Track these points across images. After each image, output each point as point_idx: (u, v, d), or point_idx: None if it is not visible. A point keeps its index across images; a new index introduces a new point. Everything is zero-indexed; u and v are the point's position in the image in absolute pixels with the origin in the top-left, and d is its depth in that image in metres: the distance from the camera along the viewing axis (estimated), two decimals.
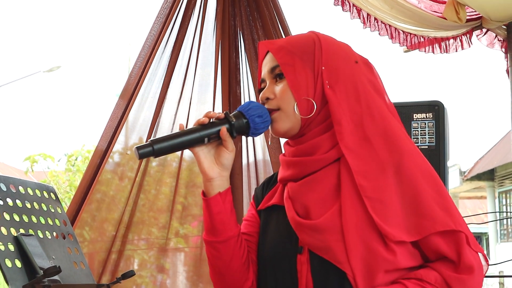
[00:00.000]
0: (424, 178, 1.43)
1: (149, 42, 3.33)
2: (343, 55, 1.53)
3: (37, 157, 8.53)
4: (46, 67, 16.43)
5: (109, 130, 3.28)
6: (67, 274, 1.76)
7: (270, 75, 1.55)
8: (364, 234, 1.39)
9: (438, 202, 1.41)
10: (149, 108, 3.34)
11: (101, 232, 3.34)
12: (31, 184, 1.92)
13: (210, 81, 3.40)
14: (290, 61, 1.51)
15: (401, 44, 3.77)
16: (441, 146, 2.79)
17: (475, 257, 1.42)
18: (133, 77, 3.32)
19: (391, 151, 1.43)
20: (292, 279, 1.47)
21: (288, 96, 1.50)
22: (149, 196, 3.41)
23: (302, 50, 1.51)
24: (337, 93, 1.47)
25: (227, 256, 1.53)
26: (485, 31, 3.80)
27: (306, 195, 1.47)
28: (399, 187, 1.41)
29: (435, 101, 2.81)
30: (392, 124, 1.47)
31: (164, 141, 1.48)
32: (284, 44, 1.54)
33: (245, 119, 1.51)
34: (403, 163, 1.42)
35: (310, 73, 1.49)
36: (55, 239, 1.84)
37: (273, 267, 1.52)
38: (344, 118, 1.45)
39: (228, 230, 1.52)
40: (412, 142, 1.50)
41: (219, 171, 1.52)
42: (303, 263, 1.46)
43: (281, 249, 1.51)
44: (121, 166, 3.40)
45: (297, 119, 1.50)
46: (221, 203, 1.51)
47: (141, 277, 3.46)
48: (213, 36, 3.41)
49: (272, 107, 1.52)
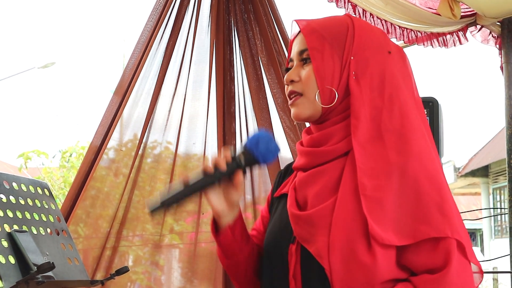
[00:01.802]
0: (429, 182, 1.38)
1: (143, 38, 3.33)
2: (376, 44, 1.49)
3: (31, 153, 8.51)
4: (40, 63, 16.41)
5: (103, 127, 3.28)
6: (61, 270, 1.76)
7: (298, 57, 1.52)
8: (351, 233, 1.35)
9: (439, 207, 1.36)
10: (143, 105, 3.33)
11: (95, 229, 3.33)
12: (24, 180, 1.92)
13: (204, 77, 3.39)
14: (319, 46, 1.47)
15: (398, 39, 3.77)
16: (435, 143, 2.79)
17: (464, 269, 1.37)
18: (127, 74, 3.31)
19: (401, 151, 1.39)
20: (283, 268, 1.46)
21: (312, 82, 1.48)
22: (144, 192, 3.41)
23: (334, 36, 1.48)
24: (361, 85, 1.45)
25: (241, 272, 1.58)
26: (479, 27, 3.80)
27: (309, 186, 1.46)
28: (401, 190, 1.37)
29: (429, 98, 2.81)
30: (410, 122, 1.43)
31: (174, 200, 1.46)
32: (317, 27, 1.49)
33: (254, 158, 1.47)
34: (409, 165, 1.38)
35: (338, 61, 1.47)
36: (49, 235, 1.84)
37: (269, 255, 1.53)
38: (363, 113, 1.42)
39: (239, 254, 1.55)
40: (427, 143, 1.44)
41: (228, 209, 1.51)
42: (292, 254, 1.45)
43: (277, 237, 1.52)
44: (116, 162, 3.39)
45: (318, 107, 1.48)
46: (230, 235, 1.52)
47: (136, 273, 3.46)
48: (207, 32, 3.41)
49: (296, 90, 1.50)
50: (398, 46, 1.54)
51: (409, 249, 1.36)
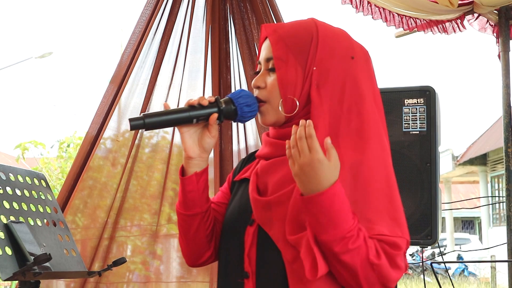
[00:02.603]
0: (380, 183, 1.48)
1: (139, 28, 3.31)
2: (339, 52, 1.56)
3: (28, 144, 8.50)
4: (38, 53, 16.36)
5: (99, 116, 3.27)
6: (58, 261, 1.77)
7: (265, 64, 1.61)
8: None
9: (389, 211, 1.46)
10: (140, 95, 3.33)
11: (93, 219, 3.34)
12: (21, 171, 1.92)
13: (200, 67, 3.38)
14: (284, 56, 1.56)
15: (397, 27, 3.75)
16: (432, 131, 2.79)
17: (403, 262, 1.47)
18: (124, 63, 3.30)
19: (356, 151, 1.48)
20: (239, 247, 1.57)
21: (276, 91, 1.57)
22: (142, 182, 3.41)
23: (298, 46, 1.55)
24: (322, 95, 1.53)
25: (193, 228, 1.64)
26: (476, 16, 3.79)
27: (270, 174, 1.57)
28: (353, 188, 1.45)
29: (426, 86, 2.81)
30: (369, 125, 1.52)
31: (155, 116, 1.56)
32: (283, 36, 1.57)
33: (234, 106, 1.57)
34: (363, 165, 1.47)
35: (300, 72, 1.55)
36: (45, 226, 1.84)
37: (227, 234, 1.65)
38: (322, 122, 1.50)
39: (197, 207, 1.62)
40: (383, 145, 1.53)
41: (199, 152, 1.61)
42: (249, 235, 1.56)
43: (236, 218, 1.63)
44: (113, 152, 3.39)
45: (281, 114, 1.57)
46: (195, 182, 1.61)
47: (134, 263, 3.46)
48: (203, 21, 3.39)
49: (261, 97, 1.59)
50: (362, 47, 1.61)
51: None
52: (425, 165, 2.80)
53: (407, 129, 2.81)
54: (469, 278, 15.68)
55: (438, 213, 2.81)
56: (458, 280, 14.93)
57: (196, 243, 1.67)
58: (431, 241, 2.80)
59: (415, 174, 2.81)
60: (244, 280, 1.55)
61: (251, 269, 1.55)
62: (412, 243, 2.86)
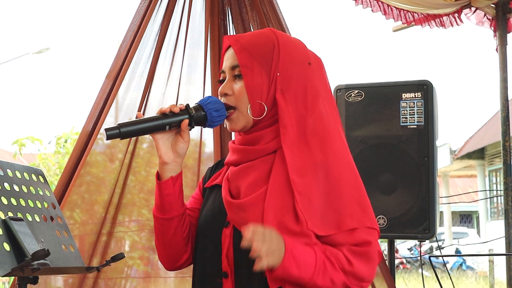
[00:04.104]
0: (348, 179, 1.61)
1: (136, 21, 3.30)
2: (298, 59, 1.68)
3: (25, 140, 8.50)
4: (35, 48, 16.33)
5: (95, 111, 3.26)
6: (56, 257, 1.77)
7: (230, 72, 1.69)
8: (282, 217, 1.56)
9: (359, 202, 1.60)
10: (137, 89, 3.31)
11: (91, 214, 3.34)
12: (19, 167, 1.91)
13: (199, 61, 3.37)
14: (249, 64, 1.66)
15: (396, 20, 3.77)
16: (430, 125, 2.80)
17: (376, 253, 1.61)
18: (120, 57, 3.29)
19: (323, 152, 1.61)
20: (216, 249, 1.66)
21: (244, 97, 1.66)
22: (140, 177, 3.41)
23: (262, 55, 1.66)
24: (286, 98, 1.64)
25: (170, 231, 1.72)
26: (474, 9, 3.79)
27: (241, 178, 1.65)
28: (325, 186, 1.58)
29: (423, 81, 2.82)
30: (329, 126, 1.65)
31: (130, 125, 1.64)
32: (246, 45, 1.67)
33: (203, 112, 1.66)
34: (332, 164, 1.60)
35: (266, 78, 1.65)
36: (43, 222, 1.84)
37: (203, 237, 1.73)
38: (289, 122, 1.62)
39: (174, 210, 1.70)
40: (343, 142, 1.68)
41: (174, 157, 1.68)
42: (226, 236, 1.65)
43: (211, 221, 1.71)
44: (111, 147, 3.39)
45: (250, 118, 1.67)
46: (171, 186, 1.68)
47: (133, 259, 3.46)
48: (201, 15, 3.38)
49: (230, 104, 1.68)
50: (315, 55, 1.74)
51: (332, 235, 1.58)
52: (423, 159, 2.81)
53: (405, 123, 2.82)
54: (467, 272, 15.71)
55: (436, 207, 2.82)
56: (456, 274, 14.96)
57: (174, 246, 1.74)
58: (429, 235, 2.80)
59: (413, 168, 2.82)
60: (222, 279, 1.63)
61: (230, 268, 1.63)
62: (410, 237, 2.88)
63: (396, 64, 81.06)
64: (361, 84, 2.94)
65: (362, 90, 2.91)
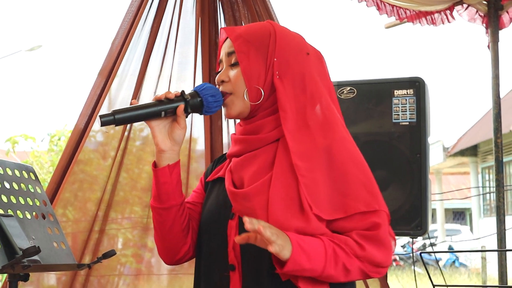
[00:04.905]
0: (353, 162, 1.58)
1: (127, 19, 3.29)
2: (295, 47, 1.67)
3: (18, 138, 8.48)
4: (27, 46, 16.26)
5: (87, 108, 3.25)
6: (47, 254, 1.76)
7: (227, 60, 1.69)
8: (286, 204, 1.53)
9: (365, 185, 1.57)
10: (129, 86, 3.31)
11: (84, 212, 3.33)
12: (10, 164, 1.91)
13: (189, 58, 3.37)
14: (245, 50, 1.64)
15: (389, 15, 3.78)
16: (422, 122, 2.80)
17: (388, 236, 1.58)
18: (112, 55, 3.28)
19: (326, 137, 1.58)
20: (222, 242, 1.63)
21: (240, 82, 1.65)
22: (132, 175, 3.41)
23: (258, 41, 1.65)
24: (284, 83, 1.62)
25: (169, 221, 1.68)
26: (466, 6, 3.80)
27: (244, 168, 1.63)
28: (330, 169, 1.55)
29: (415, 78, 2.82)
30: (331, 113, 1.63)
31: (125, 112, 1.62)
32: (242, 33, 1.66)
33: (199, 97, 1.64)
34: (335, 147, 1.57)
35: (262, 63, 1.64)
36: (35, 219, 1.84)
37: (208, 230, 1.69)
38: (289, 106, 1.60)
39: (172, 199, 1.66)
40: (347, 131, 1.65)
41: (171, 145, 1.65)
42: (232, 228, 1.62)
43: (215, 214, 1.68)
44: (104, 145, 3.38)
45: (247, 104, 1.65)
46: (168, 174, 1.65)
47: (125, 256, 3.47)
48: (192, 12, 3.38)
49: (226, 90, 1.66)
50: (315, 48, 1.73)
51: (340, 220, 1.55)
52: (415, 156, 2.81)
53: (397, 120, 2.82)
54: (460, 269, 15.76)
55: (428, 204, 2.82)
56: (449, 271, 15.01)
57: (172, 238, 1.71)
58: (421, 231, 2.81)
59: (405, 165, 2.82)
60: (229, 272, 1.60)
61: (237, 260, 1.60)
62: (402, 234, 2.88)
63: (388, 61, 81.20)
64: (353, 81, 2.94)
65: (354, 87, 2.91)
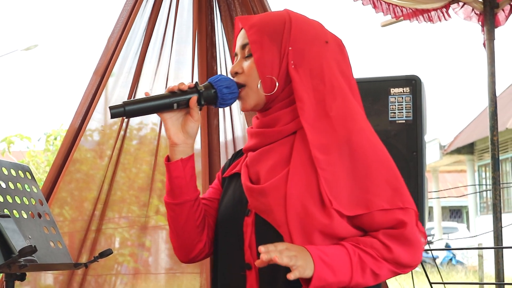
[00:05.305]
0: (377, 157, 1.52)
1: (123, 16, 3.29)
2: (312, 35, 1.60)
3: (14, 137, 8.46)
4: (23, 45, 16.24)
5: (83, 107, 3.25)
6: (43, 254, 1.76)
7: (241, 51, 1.64)
8: (305, 199, 1.47)
9: (389, 181, 1.50)
10: (124, 84, 3.30)
11: (81, 211, 3.33)
12: (6, 164, 1.91)
13: (186, 56, 3.36)
14: (259, 39, 1.59)
15: (385, 14, 3.79)
16: (418, 120, 2.80)
17: (417, 234, 1.51)
18: (108, 53, 3.27)
19: (348, 128, 1.51)
20: (238, 239, 1.58)
21: (254, 73, 1.59)
22: (129, 174, 3.40)
23: (272, 30, 1.59)
24: (300, 72, 1.56)
25: (182, 218, 1.63)
26: (461, 4, 3.80)
27: (260, 163, 1.58)
28: (351, 163, 1.49)
29: (411, 76, 2.82)
30: (352, 104, 1.56)
31: (136, 103, 1.56)
32: (256, 22, 1.62)
33: (213, 89, 1.58)
34: (358, 140, 1.51)
35: (276, 52, 1.58)
36: (31, 218, 1.83)
37: (224, 227, 1.64)
38: (307, 96, 1.54)
39: (185, 194, 1.61)
40: (368, 123, 1.58)
41: (184, 138, 1.61)
42: (248, 225, 1.56)
43: (231, 211, 1.63)
44: (100, 144, 3.38)
45: (261, 95, 1.59)
46: (181, 168, 1.60)
47: (123, 255, 3.46)
48: (189, 10, 3.37)
49: (240, 82, 1.61)
50: (336, 36, 1.65)
51: (363, 216, 1.49)
52: (411, 154, 2.81)
53: (393, 118, 2.82)
54: (456, 266, 15.78)
55: (424, 202, 2.82)
56: (446, 268, 15.03)
57: (186, 234, 1.65)
58: None
59: (402, 163, 2.82)
60: (246, 272, 1.55)
61: (253, 259, 1.54)
62: None
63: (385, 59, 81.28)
64: None
65: None
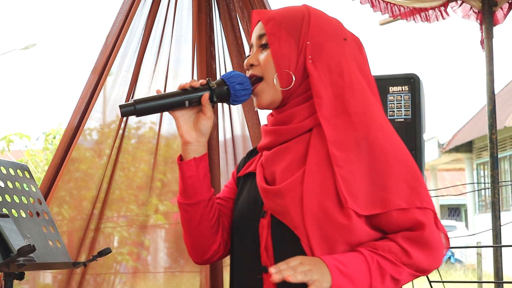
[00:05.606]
0: (396, 155, 1.47)
1: (121, 14, 3.28)
2: (331, 31, 1.57)
3: (13, 136, 8.47)
4: (21, 45, 16.23)
5: (81, 106, 3.24)
6: (42, 253, 1.76)
7: (257, 42, 1.60)
8: (322, 200, 1.43)
9: (407, 179, 1.46)
10: (123, 83, 3.30)
11: (80, 210, 3.32)
12: (4, 163, 1.90)
13: (186, 55, 3.36)
14: (276, 32, 1.55)
15: (383, 13, 3.79)
16: (417, 119, 2.80)
17: (436, 235, 1.47)
18: (106, 51, 3.27)
19: (367, 125, 1.47)
20: (254, 242, 1.53)
21: (270, 66, 1.55)
22: (128, 173, 3.40)
23: (290, 23, 1.56)
24: (318, 68, 1.52)
25: (196, 218, 1.59)
26: (460, 2, 3.81)
27: (275, 162, 1.53)
28: (369, 161, 1.45)
29: (410, 74, 2.82)
30: (371, 101, 1.52)
31: (146, 101, 1.52)
32: (274, 15, 1.58)
33: (226, 86, 1.55)
34: (377, 137, 1.46)
35: (294, 46, 1.54)
36: (29, 217, 1.83)
37: (239, 229, 1.61)
38: (324, 91, 1.50)
39: (199, 194, 1.57)
40: (388, 121, 1.55)
41: (196, 136, 1.56)
42: (264, 227, 1.52)
43: (246, 212, 1.59)
44: (99, 143, 3.37)
45: (278, 90, 1.55)
46: (194, 168, 1.56)
47: (122, 254, 3.46)
48: (188, 8, 3.36)
49: (255, 73, 1.57)
50: (354, 34, 1.62)
51: (380, 215, 1.45)
52: (410, 153, 2.81)
53: (392, 116, 2.82)
54: (455, 265, 15.81)
55: None
56: (444, 267, 15.04)
57: (200, 235, 1.62)
58: None
59: None
60: (262, 274, 1.51)
61: (269, 262, 1.50)
62: None
63: (383, 57, 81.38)
64: None
65: None
